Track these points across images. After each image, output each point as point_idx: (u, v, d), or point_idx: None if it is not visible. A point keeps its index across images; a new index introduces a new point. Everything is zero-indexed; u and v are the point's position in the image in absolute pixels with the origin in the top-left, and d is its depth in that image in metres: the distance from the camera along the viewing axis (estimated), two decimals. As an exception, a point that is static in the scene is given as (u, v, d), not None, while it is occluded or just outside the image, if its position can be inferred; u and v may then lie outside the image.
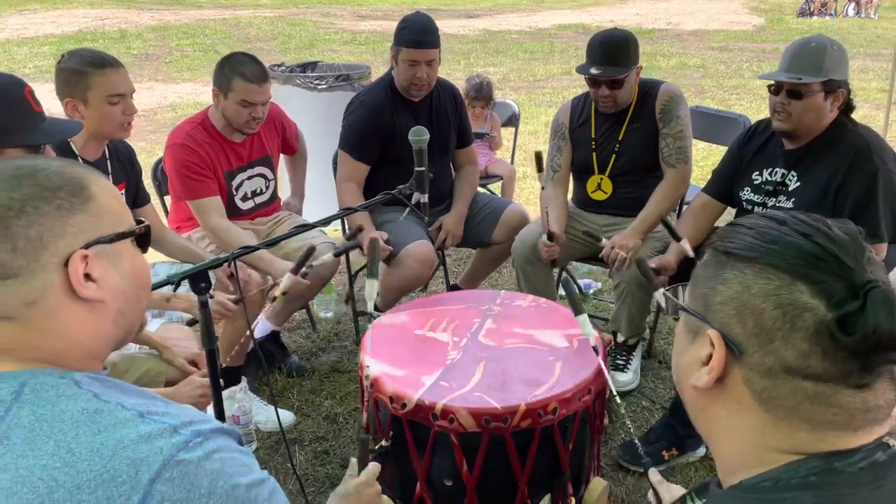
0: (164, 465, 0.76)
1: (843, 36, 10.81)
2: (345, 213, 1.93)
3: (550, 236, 2.64)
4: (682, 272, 2.43)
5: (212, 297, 1.66)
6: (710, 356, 0.74)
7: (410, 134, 1.98)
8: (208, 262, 1.56)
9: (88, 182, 0.87)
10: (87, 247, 0.85)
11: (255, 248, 1.69)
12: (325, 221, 1.84)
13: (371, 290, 1.79)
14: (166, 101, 7.98)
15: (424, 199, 2.01)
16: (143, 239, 0.94)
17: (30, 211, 0.82)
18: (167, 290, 2.11)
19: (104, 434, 0.78)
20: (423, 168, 1.95)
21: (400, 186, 1.93)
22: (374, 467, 1.39)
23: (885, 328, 0.66)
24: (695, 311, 0.77)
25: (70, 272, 0.83)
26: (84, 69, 2.12)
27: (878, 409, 0.70)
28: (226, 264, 1.59)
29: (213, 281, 1.59)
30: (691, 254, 2.23)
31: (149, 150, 5.88)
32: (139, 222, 0.93)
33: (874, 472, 0.69)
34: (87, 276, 0.85)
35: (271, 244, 1.78)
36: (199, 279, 1.52)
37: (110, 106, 2.15)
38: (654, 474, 1.31)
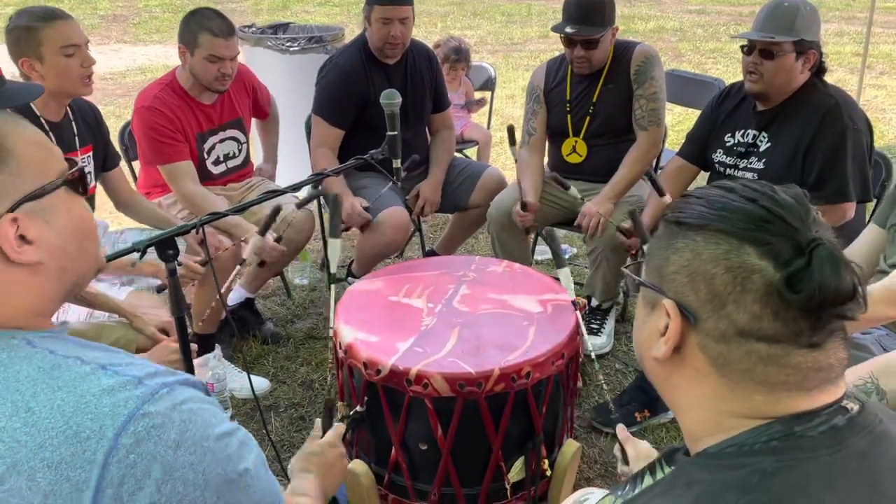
0: (129, 417, 0.73)
1: (820, -1, 10.81)
2: (316, 177, 1.90)
3: (524, 205, 2.63)
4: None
5: (180, 264, 1.63)
6: (668, 326, 0.75)
7: (382, 97, 1.94)
8: (175, 228, 1.52)
9: (4, 137, 0.80)
10: (13, 209, 0.79)
11: (224, 214, 1.65)
12: (297, 186, 1.81)
13: (333, 250, 1.77)
14: (135, 64, 7.78)
15: (397, 164, 1.98)
16: (77, 182, 0.86)
17: None
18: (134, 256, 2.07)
19: (64, 390, 0.75)
20: (396, 132, 1.92)
21: (372, 151, 1.90)
22: (338, 428, 1.38)
23: (830, 284, 0.67)
24: (650, 283, 0.78)
25: (1, 239, 0.79)
26: (33, 24, 2.06)
27: (831, 367, 0.72)
28: (195, 230, 1.56)
29: (181, 249, 1.56)
30: None
31: (118, 114, 5.75)
32: (72, 164, 0.86)
33: (833, 436, 0.70)
34: (23, 239, 0.80)
35: (240, 210, 1.75)
36: (166, 246, 1.49)
37: (66, 58, 2.08)
38: (622, 430, 1.34)
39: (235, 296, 2.87)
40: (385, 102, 1.92)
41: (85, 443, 0.72)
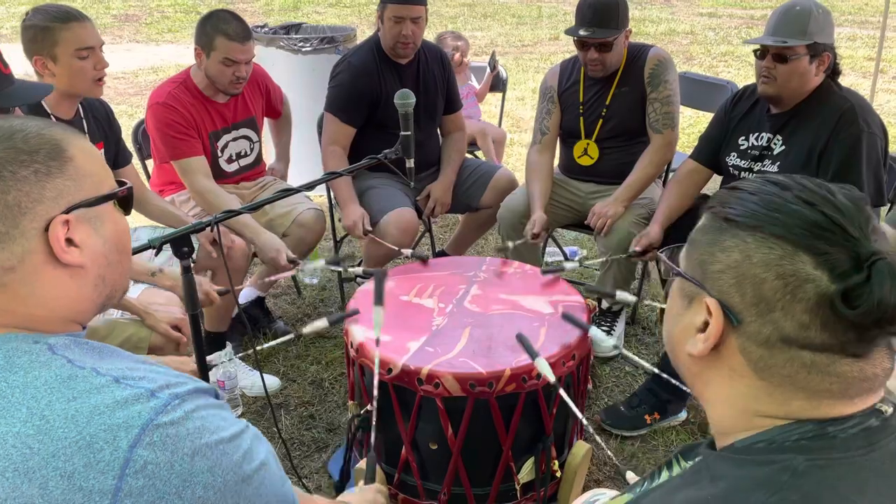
0: (143, 429, 0.75)
1: (832, 3, 10.75)
2: (328, 177, 1.90)
3: (535, 236, 2.63)
4: (672, 236, 2.45)
5: (194, 262, 1.64)
6: (706, 323, 0.73)
7: (396, 97, 1.94)
8: (190, 226, 1.53)
9: (67, 144, 0.85)
10: (67, 211, 0.83)
11: (238, 212, 1.66)
12: (309, 186, 1.82)
13: (378, 317, 1.80)
14: (147, 64, 7.82)
15: (410, 164, 1.99)
16: (125, 201, 0.92)
17: (7, 176, 0.80)
18: (151, 261, 2.09)
19: (79, 401, 0.77)
20: (409, 133, 1.92)
21: (385, 151, 1.90)
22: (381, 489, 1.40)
23: (890, 302, 0.65)
24: (692, 277, 0.75)
25: (51, 238, 0.82)
26: (49, 24, 2.07)
27: (875, 377, 0.70)
28: (208, 229, 1.56)
29: (195, 246, 1.57)
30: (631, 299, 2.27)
31: (130, 113, 5.78)
32: (121, 184, 0.91)
33: (867, 437, 0.69)
34: (69, 241, 0.84)
35: (254, 208, 1.76)
36: (181, 243, 1.50)
37: (80, 60, 2.10)
38: (631, 476, 1.35)
39: (246, 294, 2.89)
40: (399, 103, 1.92)
41: (98, 454, 0.74)
